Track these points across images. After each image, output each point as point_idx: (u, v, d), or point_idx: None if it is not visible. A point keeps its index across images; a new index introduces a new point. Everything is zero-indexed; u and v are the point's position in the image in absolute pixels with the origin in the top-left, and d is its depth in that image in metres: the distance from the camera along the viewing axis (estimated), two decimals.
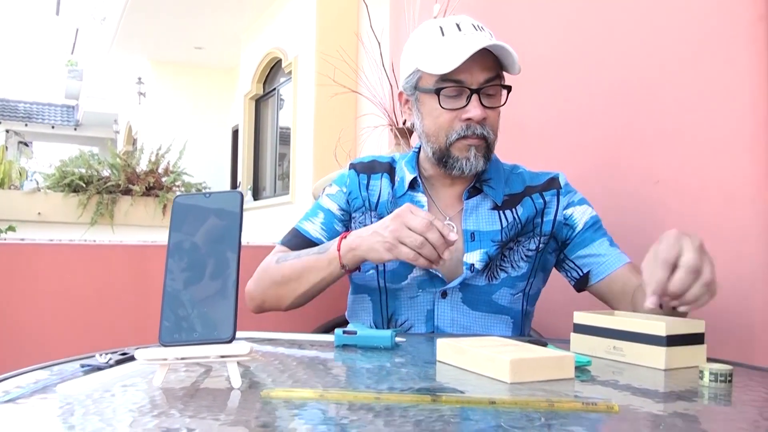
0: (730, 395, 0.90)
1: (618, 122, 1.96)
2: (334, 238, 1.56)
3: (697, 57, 1.72)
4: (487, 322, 1.56)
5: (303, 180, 8.53)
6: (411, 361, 1.08)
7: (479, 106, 1.47)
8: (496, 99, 1.52)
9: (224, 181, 14.16)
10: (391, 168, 1.67)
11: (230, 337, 0.85)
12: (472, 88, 1.47)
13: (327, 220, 1.65)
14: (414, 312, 1.57)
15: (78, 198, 8.79)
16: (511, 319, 1.59)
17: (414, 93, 1.57)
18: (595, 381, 0.96)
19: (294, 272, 1.51)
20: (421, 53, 1.53)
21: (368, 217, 1.63)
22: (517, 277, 1.57)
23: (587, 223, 1.59)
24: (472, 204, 1.58)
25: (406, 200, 1.59)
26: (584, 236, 1.59)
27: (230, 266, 0.88)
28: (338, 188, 1.68)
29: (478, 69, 1.47)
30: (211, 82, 14.40)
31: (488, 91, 1.50)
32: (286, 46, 9.54)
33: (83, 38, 23.38)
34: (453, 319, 1.55)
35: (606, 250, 1.56)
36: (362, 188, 1.65)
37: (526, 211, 1.59)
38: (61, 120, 25.16)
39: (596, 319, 1.15)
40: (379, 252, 1.36)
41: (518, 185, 1.63)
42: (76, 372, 0.96)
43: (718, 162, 1.65)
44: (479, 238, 1.55)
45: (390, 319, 1.59)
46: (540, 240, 1.60)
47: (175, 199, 0.94)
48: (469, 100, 1.48)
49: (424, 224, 1.30)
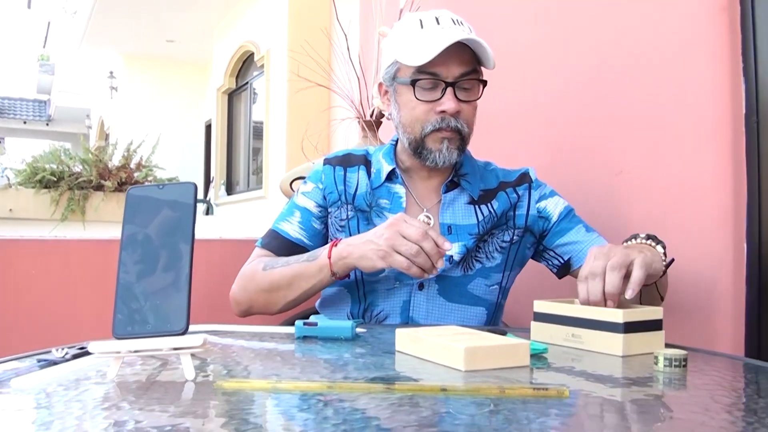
0: (684, 380, 0.91)
1: (583, 115, 1.97)
2: (318, 241, 1.62)
3: (661, 48, 1.73)
4: (463, 313, 1.57)
5: (276, 174, 8.49)
6: (370, 352, 1.08)
7: (453, 99, 1.48)
8: (471, 93, 1.53)
9: (197, 175, 14.06)
10: (366, 160, 1.67)
11: (183, 329, 0.85)
12: (448, 81, 1.48)
13: (304, 218, 1.64)
14: (390, 303, 1.57)
15: (50, 194, 8.69)
16: (486, 311, 1.60)
17: (392, 84, 1.58)
18: (551, 368, 0.97)
19: (284, 279, 1.51)
20: (400, 45, 1.54)
21: (344, 210, 1.62)
22: (491, 268, 1.59)
23: (561, 214, 1.62)
24: (449, 197, 1.60)
25: (384, 191, 1.61)
26: (561, 226, 1.61)
27: (183, 258, 0.88)
28: (314, 185, 1.67)
29: (455, 63, 1.48)
30: (184, 75, 14.30)
31: (464, 84, 1.51)
32: (258, 40, 9.49)
33: (55, 32, 23.14)
34: (428, 310, 1.56)
35: (584, 236, 1.60)
36: (338, 182, 1.64)
37: (502, 205, 1.61)
38: (33, 115, 24.91)
39: (555, 308, 1.16)
40: (372, 260, 1.37)
41: (492, 181, 1.65)
42: (32, 366, 0.95)
43: (681, 153, 1.67)
44: (456, 231, 1.57)
45: (366, 310, 1.59)
46: (514, 233, 1.62)
47: (128, 191, 0.93)
48: (444, 93, 1.49)
49: (419, 233, 1.32)
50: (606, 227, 1.80)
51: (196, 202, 0.92)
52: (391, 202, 1.60)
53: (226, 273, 2.14)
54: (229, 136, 11.56)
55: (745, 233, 1.55)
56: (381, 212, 1.60)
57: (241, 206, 10.18)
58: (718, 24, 1.60)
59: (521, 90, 2.22)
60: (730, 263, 1.56)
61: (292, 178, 2.36)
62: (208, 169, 13.18)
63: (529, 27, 2.19)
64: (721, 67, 1.59)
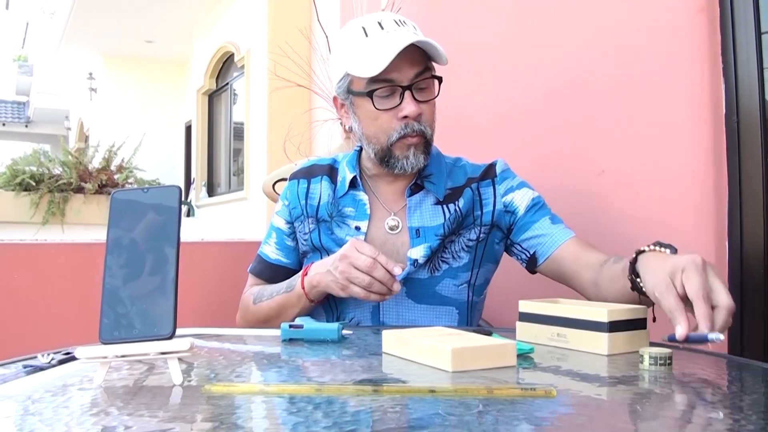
0: (670, 378, 0.91)
1: (562, 114, 1.98)
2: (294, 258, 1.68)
3: (640, 48, 1.74)
4: (433, 314, 1.57)
5: (257, 175, 8.46)
6: (357, 353, 1.08)
7: (413, 102, 1.47)
8: (428, 92, 1.52)
9: (178, 177, 14.00)
10: (332, 169, 1.67)
11: (170, 334, 0.85)
12: (404, 85, 1.47)
13: (279, 239, 1.69)
14: (360, 310, 1.57)
15: (30, 197, 8.62)
16: (456, 310, 1.60)
17: (348, 97, 1.56)
18: (537, 368, 0.98)
19: (272, 311, 1.56)
20: (348, 56, 1.52)
21: (306, 224, 1.64)
22: (459, 268, 1.59)
23: (528, 206, 1.60)
24: (415, 201, 1.59)
25: (348, 199, 1.61)
26: (526, 219, 1.59)
27: (169, 262, 0.88)
28: (282, 204, 1.71)
29: (407, 65, 1.46)
30: (163, 76, 14.22)
31: (420, 85, 1.50)
32: (238, 40, 9.46)
33: (33, 33, 22.96)
34: (398, 313, 1.56)
35: (548, 228, 1.57)
36: (301, 197, 1.66)
37: (467, 203, 1.60)
38: (12, 117, 24.71)
39: (540, 307, 1.17)
40: (335, 291, 1.42)
41: (460, 178, 1.63)
42: (18, 373, 0.94)
43: (662, 153, 1.68)
44: (424, 234, 1.56)
45: (338, 318, 1.60)
46: (480, 230, 1.60)
47: (112, 195, 0.93)
48: (403, 98, 1.48)
49: (368, 264, 1.35)
50: (588, 227, 1.81)
51: (182, 206, 0.92)
52: (356, 209, 1.60)
53: (210, 276, 2.15)
54: (210, 138, 11.51)
55: (726, 232, 1.56)
56: (343, 221, 1.60)
57: (222, 208, 10.14)
58: (698, 25, 1.61)
59: (501, 91, 2.23)
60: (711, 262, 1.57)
61: (275, 180, 2.36)
62: (189, 170, 13.12)
63: (511, 28, 2.20)
64: (701, 68, 1.60)
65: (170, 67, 14.14)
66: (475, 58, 2.31)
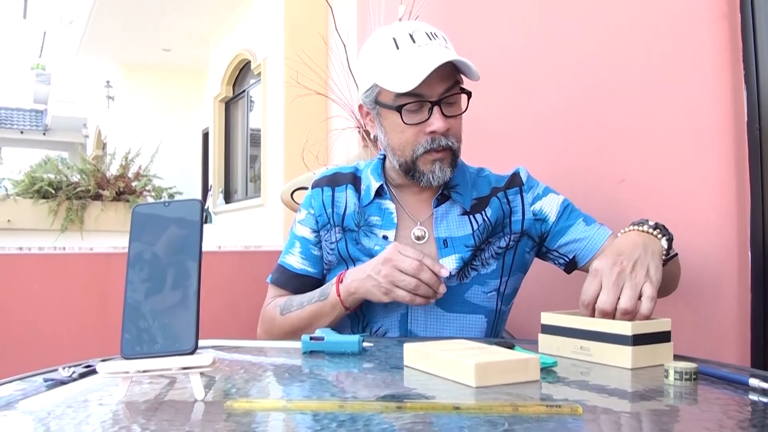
0: (695, 393, 0.90)
1: (583, 122, 1.96)
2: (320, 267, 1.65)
3: (661, 55, 1.73)
4: (461, 323, 1.56)
5: (274, 182, 8.49)
6: (378, 367, 1.07)
7: (441, 118, 1.46)
8: (456, 107, 1.52)
9: (195, 184, 14.06)
10: (355, 178, 1.67)
11: (192, 349, 0.84)
12: (432, 101, 1.46)
13: (303, 248, 1.66)
14: (388, 319, 1.56)
15: (48, 204, 8.68)
16: (485, 318, 1.58)
17: (375, 107, 1.55)
18: (561, 382, 0.97)
19: (303, 322, 1.53)
20: (378, 68, 1.50)
21: (333, 233, 1.63)
22: (488, 275, 1.58)
23: (559, 212, 1.60)
24: (441, 211, 1.58)
25: (374, 208, 1.60)
26: (560, 225, 1.59)
27: (191, 276, 0.87)
28: (306, 212, 1.68)
29: (437, 80, 1.45)
30: (180, 84, 14.29)
31: (448, 100, 1.49)
32: (254, 48, 9.49)
33: (51, 42, 23.14)
34: (426, 322, 1.55)
35: (585, 231, 1.58)
36: (327, 204, 1.65)
37: (495, 212, 1.59)
38: (30, 125, 24.89)
39: (563, 320, 1.16)
40: (377, 296, 1.41)
41: (485, 188, 1.63)
42: (40, 387, 0.94)
43: (683, 160, 1.67)
44: (452, 244, 1.56)
45: (366, 327, 1.59)
46: (510, 238, 1.60)
47: (134, 209, 0.93)
48: (431, 113, 1.47)
49: (415, 266, 1.35)
50: None
51: (203, 220, 0.92)
52: (383, 218, 1.59)
53: (227, 285, 2.14)
54: (227, 144, 11.56)
55: (749, 241, 1.55)
56: (370, 231, 1.59)
57: (239, 214, 10.18)
58: (719, 31, 1.60)
59: (522, 98, 2.22)
60: (734, 271, 1.56)
61: (293, 189, 2.35)
62: (206, 177, 13.17)
63: (530, 35, 2.19)
64: (723, 75, 1.59)
65: (187, 75, 14.21)
66: (494, 66, 2.30)
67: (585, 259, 1.57)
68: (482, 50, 2.36)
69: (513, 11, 2.26)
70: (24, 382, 0.98)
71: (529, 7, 2.19)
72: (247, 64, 10.24)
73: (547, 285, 1.65)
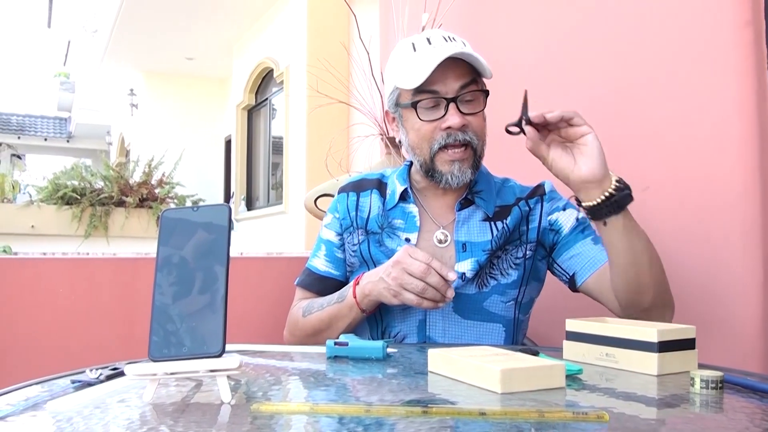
0: (721, 402, 0.90)
1: (605, 128, 1.95)
2: (345, 270, 1.66)
3: (685, 62, 1.72)
4: (479, 330, 1.56)
5: (296, 189, 8.52)
6: (402, 372, 1.08)
7: (457, 113, 1.48)
8: (475, 104, 1.52)
9: (217, 191, 14.14)
10: (380, 183, 1.69)
11: (219, 351, 0.85)
12: (448, 97, 1.48)
13: (328, 251, 1.69)
14: (406, 324, 1.57)
15: (71, 210, 8.76)
16: (503, 328, 1.58)
17: (397, 110, 1.59)
18: (587, 389, 0.96)
19: (322, 323, 1.55)
20: (397, 71, 1.55)
21: (356, 236, 1.64)
22: (507, 285, 1.58)
23: (573, 226, 1.59)
24: (464, 215, 1.59)
25: (398, 212, 1.62)
26: (568, 239, 1.59)
27: (219, 280, 0.88)
28: (332, 216, 1.71)
29: (452, 78, 1.48)
30: (203, 92, 14.40)
31: (466, 97, 1.50)
32: (277, 56, 9.55)
33: (75, 50, 23.37)
34: (444, 328, 1.55)
35: (589, 249, 1.56)
36: (351, 208, 1.67)
37: (514, 220, 1.60)
38: (54, 132, 25.13)
39: (588, 327, 1.15)
40: (387, 298, 1.41)
41: (509, 197, 1.63)
42: (67, 388, 0.95)
43: (707, 168, 1.66)
44: (470, 249, 1.56)
45: (384, 332, 1.60)
46: (527, 247, 1.60)
47: (162, 214, 0.94)
48: (447, 109, 1.49)
49: (422, 269, 1.35)
50: None
51: (231, 224, 0.92)
52: (406, 221, 1.61)
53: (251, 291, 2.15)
54: (249, 152, 11.63)
55: None
56: (393, 233, 1.60)
57: (261, 221, 10.22)
58: (743, 39, 1.59)
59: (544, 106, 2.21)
60: (759, 280, 1.55)
61: (317, 196, 2.36)
62: (228, 184, 13.25)
63: (553, 43, 2.19)
64: (747, 82, 1.58)
65: (210, 83, 14.32)
66: (516, 72, 2.30)
67: (582, 277, 1.54)
68: (505, 57, 2.36)
69: (537, 19, 2.26)
70: (50, 383, 0.99)
71: (553, 15, 2.19)
72: (269, 72, 10.31)
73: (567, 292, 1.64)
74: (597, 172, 1.33)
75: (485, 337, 1.57)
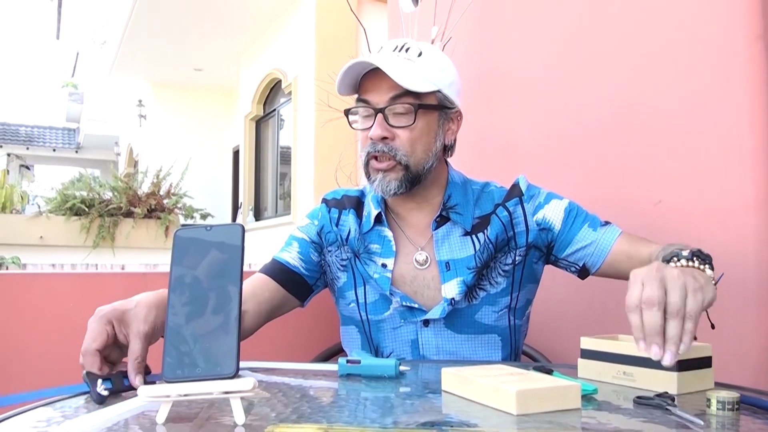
0: (737, 424, 0.89)
1: (616, 141, 1.95)
2: (314, 272, 1.62)
3: (696, 76, 1.72)
4: (474, 343, 1.54)
5: (304, 200, 8.54)
6: (416, 392, 1.07)
7: (379, 125, 1.44)
8: (405, 118, 1.46)
9: (225, 201, 14.17)
10: (359, 202, 1.64)
11: (233, 373, 0.84)
12: (377, 108, 1.45)
13: (303, 249, 1.62)
14: (398, 343, 1.55)
15: (80, 221, 8.79)
16: (499, 337, 1.56)
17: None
18: (603, 409, 0.95)
19: None
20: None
21: (343, 251, 1.61)
22: (497, 294, 1.55)
23: (563, 219, 1.56)
24: (441, 233, 1.55)
25: (374, 235, 1.58)
26: (565, 233, 1.55)
27: (232, 300, 0.88)
28: (309, 221, 1.67)
29: (384, 87, 1.45)
30: (212, 103, 14.45)
31: (396, 110, 1.46)
32: (285, 67, 9.58)
33: (84, 61, 23.48)
34: (438, 345, 1.53)
35: (591, 236, 1.53)
36: (333, 224, 1.63)
37: (495, 229, 1.55)
38: (63, 143, 25.22)
39: (604, 345, 1.14)
40: None
41: (488, 205, 1.58)
42: (80, 409, 0.95)
43: (720, 182, 1.65)
44: (454, 267, 1.52)
45: (376, 350, 1.58)
46: (516, 253, 1.56)
47: (176, 233, 0.93)
48: (374, 120, 1.46)
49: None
50: None
51: (244, 244, 0.92)
52: (382, 246, 1.57)
53: None
54: (257, 162, 11.65)
55: None
56: (370, 258, 1.57)
57: (269, 232, 10.23)
58: (754, 52, 1.58)
59: (553, 118, 2.21)
60: None
61: None
62: (236, 194, 13.27)
63: (563, 54, 2.18)
64: (759, 95, 1.57)
65: (218, 94, 14.37)
66: (526, 85, 2.29)
67: (596, 265, 1.53)
68: (515, 70, 2.35)
69: (546, 32, 2.26)
70: (63, 403, 0.98)
71: (562, 28, 2.19)
72: (277, 83, 10.34)
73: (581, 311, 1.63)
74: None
75: (481, 349, 1.55)
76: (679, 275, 1.03)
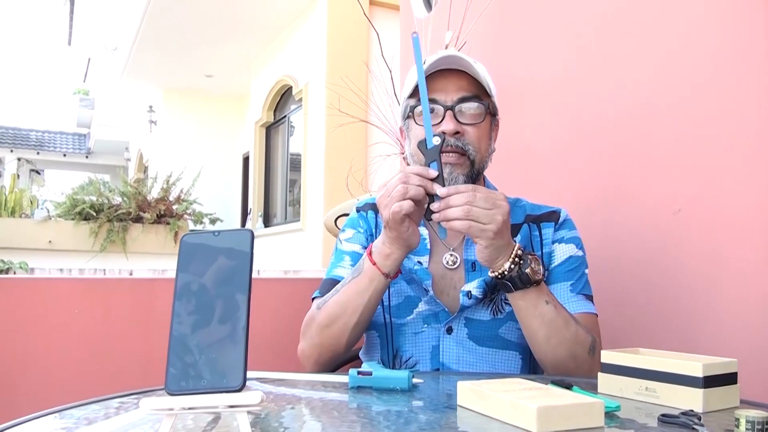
0: None
1: (635, 149, 1.91)
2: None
3: (716, 83, 1.68)
4: (495, 358, 1.52)
5: (314, 206, 8.51)
6: (430, 406, 1.03)
7: (452, 120, 1.47)
8: (474, 117, 1.50)
9: (235, 207, 14.18)
10: None
11: (240, 386, 0.80)
12: (446, 105, 1.47)
13: (355, 261, 1.60)
14: (419, 348, 1.53)
15: (89, 226, 8.79)
16: (520, 355, 1.53)
17: (404, 123, 1.59)
18: (626, 427, 0.91)
19: (339, 306, 1.46)
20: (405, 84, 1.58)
21: None
22: None
23: (563, 262, 1.54)
24: None
25: None
26: (553, 274, 1.54)
27: (240, 309, 0.83)
28: (353, 230, 1.66)
29: (453, 88, 1.49)
30: (222, 109, 14.46)
31: (465, 109, 1.49)
32: (296, 74, 9.57)
33: (95, 67, 23.54)
34: (459, 355, 1.51)
35: (561, 295, 1.50)
36: (372, 225, 1.64)
37: (523, 239, 1.56)
38: (73, 148, 25.27)
39: (626, 359, 1.10)
40: (389, 226, 1.35)
41: (519, 215, 1.59)
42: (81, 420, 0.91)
43: (739, 191, 1.61)
44: (480, 268, 1.52)
45: (395, 355, 1.55)
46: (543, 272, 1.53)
47: (182, 239, 0.89)
48: (444, 117, 1.47)
49: (400, 177, 1.31)
50: (663, 266, 1.74)
51: (253, 250, 0.88)
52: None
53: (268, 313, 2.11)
54: (267, 169, 11.65)
55: None
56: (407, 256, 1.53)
57: (278, 238, 10.21)
58: None
59: (571, 124, 2.17)
60: None
61: (337, 215, 2.33)
62: (246, 201, 13.27)
63: (580, 60, 2.15)
64: None
65: (229, 100, 14.38)
66: (542, 91, 2.26)
67: None
68: (530, 76, 2.32)
69: (560, 37, 2.22)
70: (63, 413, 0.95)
71: (576, 33, 2.15)
72: (288, 89, 10.33)
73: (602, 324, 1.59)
74: (481, 258, 1.35)
75: (501, 365, 1.52)
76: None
